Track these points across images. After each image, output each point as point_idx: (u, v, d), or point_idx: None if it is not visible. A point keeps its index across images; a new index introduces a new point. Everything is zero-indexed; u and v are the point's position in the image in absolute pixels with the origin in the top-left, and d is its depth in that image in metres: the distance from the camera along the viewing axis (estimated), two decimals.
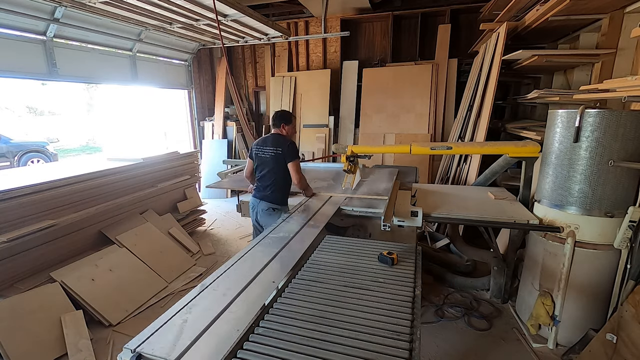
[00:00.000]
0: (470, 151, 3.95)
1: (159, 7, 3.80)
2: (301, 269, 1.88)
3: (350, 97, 6.43)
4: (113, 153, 5.13)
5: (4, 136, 9.99)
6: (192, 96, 6.76)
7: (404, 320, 1.43)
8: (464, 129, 4.66)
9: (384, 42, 6.52)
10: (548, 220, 2.62)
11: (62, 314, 2.74)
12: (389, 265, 1.88)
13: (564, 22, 3.34)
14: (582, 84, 3.23)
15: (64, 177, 3.30)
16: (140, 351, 1.16)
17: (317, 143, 6.54)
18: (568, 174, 2.47)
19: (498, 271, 3.16)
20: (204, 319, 1.34)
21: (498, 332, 2.82)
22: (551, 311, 2.54)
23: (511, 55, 3.67)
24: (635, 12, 2.91)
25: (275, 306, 1.54)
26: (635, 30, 2.21)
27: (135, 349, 1.16)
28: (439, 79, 5.79)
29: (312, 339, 1.32)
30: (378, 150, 4.80)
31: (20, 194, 2.91)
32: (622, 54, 3.03)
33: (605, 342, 2.15)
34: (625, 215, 2.28)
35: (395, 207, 2.53)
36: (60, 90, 20.42)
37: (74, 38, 4.26)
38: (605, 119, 2.26)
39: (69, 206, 3.31)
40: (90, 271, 3.15)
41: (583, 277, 2.50)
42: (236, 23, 4.52)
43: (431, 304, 3.20)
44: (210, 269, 3.97)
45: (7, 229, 2.81)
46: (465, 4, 5.79)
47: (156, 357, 1.13)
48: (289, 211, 2.76)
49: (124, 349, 1.17)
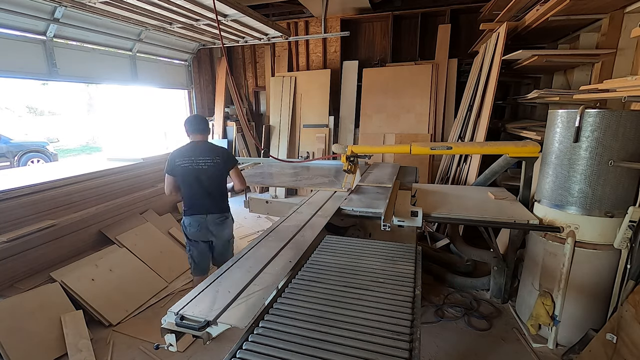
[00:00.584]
0: (470, 151, 3.95)
1: (159, 7, 3.80)
2: (301, 269, 1.88)
3: (350, 97, 6.43)
4: (113, 153, 5.13)
5: (4, 136, 9.99)
6: (192, 96, 6.76)
7: (404, 320, 1.43)
8: (464, 129, 4.66)
9: (384, 42, 6.51)
10: (548, 220, 2.62)
11: (62, 314, 2.74)
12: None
13: (564, 22, 3.34)
14: (582, 84, 3.23)
15: (64, 177, 3.31)
16: (183, 313, 1.33)
17: (317, 143, 6.54)
18: (568, 174, 2.47)
19: (498, 271, 3.16)
20: (234, 287, 1.54)
21: (498, 332, 2.82)
22: (551, 311, 2.54)
23: (511, 55, 3.67)
24: (635, 12, 2.91)
25: (275, 306, 1.54)
26: (635, 30, 2.21)
27: (178, 311, 1.34)
28: (439, 79, 5.79)
29: (312, 339, 1.32)
30: (378, 150, 4.80)
31: (20, 194, 2.92)
32: (622, 54, 3.03)
33: (605, 342, 2.15)
34: (625, 215, 2.28)
35: (395, 207, 2.53)
36: (60, 90, 20.42)
37: (74, 38, 4.26)
38: (605, 119, 2.26)
39: (69, 206, 3.31)
40: (90, 271, 3.16)
41: (583, 277, 2.50)
42: (236, 23, 4.52)
43: (431, 304, 3.20)
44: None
45: (7, 229, 2.81)
46: (465, 4, 5.79)
47: (196, 317, 1.31)
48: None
49: (168, 312, 1.35)
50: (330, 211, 2.65)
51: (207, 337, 1.29)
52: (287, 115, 6.69)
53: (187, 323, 1.29)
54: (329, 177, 3.83)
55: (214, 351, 2.59)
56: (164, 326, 1.33)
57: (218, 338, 1.36)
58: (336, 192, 3.18)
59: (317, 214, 2.60)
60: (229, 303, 1.41)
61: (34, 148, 10.32)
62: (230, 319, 1.31)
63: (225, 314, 1.34)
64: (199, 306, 1.39)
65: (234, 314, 1.35)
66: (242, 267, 1.74)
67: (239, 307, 1.39)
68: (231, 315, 1.33)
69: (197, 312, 1.34)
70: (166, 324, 1.33)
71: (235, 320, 1.30)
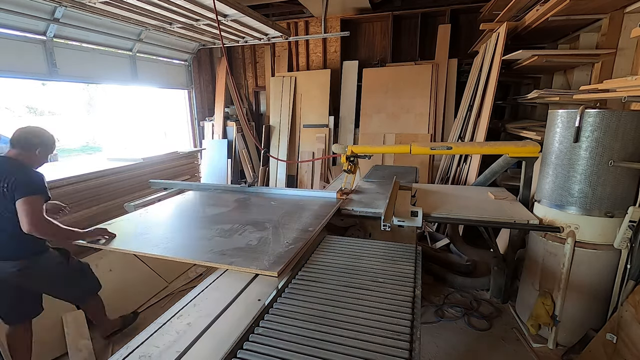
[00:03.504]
0: (470, 151, 3.94)
1: (159, 7, 3.80)
2: (301, 269, 1.88)
3: (350, 97, 6.43)
4: (113, 153, 5.13)
5: (4, 136, 9.98)
6: (192, 96, 6.76)
7: (404, 320, 1.43)
8: (464, 129, 4.66)
9: (384, 42, 6.51)
10: (548, 220, 2.62)
11: (63, 314, 2.75)
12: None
13: (564, 22, 3.34)
14: (582, 84, 3.23)
15: (64, 177, 3.30)
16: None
17: (317, 143, 6.55)
18: (568, 174, 2.47)
19: (498, 271, 3.16)
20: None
21: (498, 332, 2.82)
22: (551, 311, 2.54)
23: (511, 55, 3.67)
24: (635, 12, 2.91)
25: (275, 306, 1.54)
26: (635, 30, 2.21)
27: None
28: (439, 79, 5.79)
29: (312, 339, 1.32)
30: (378, 150, 4.79)
31: None
32: (622, 54, 3.03)
33: (605, 342, 2.15)
34: (625, 215, 2.28)
35: (395, 207, 2.53)
36: (60, 90, 20.41)
37: (74, 38, 4.26)
38: (605, 119, 2.26)
39: (69, 206, 3.30)
40: None
41: (583, 277, 2.50)
42: (236, 23, 4.52)
43: (431, 304, 3.20)
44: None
45: None
46: (465, 4, 5.79)
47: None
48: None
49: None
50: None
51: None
52: (287, 115, 6.69)
53: None
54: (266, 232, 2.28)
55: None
56: None
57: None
58: (258, 277, 1.90)
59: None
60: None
61: None
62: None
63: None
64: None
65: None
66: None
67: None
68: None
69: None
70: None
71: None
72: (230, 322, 1.52)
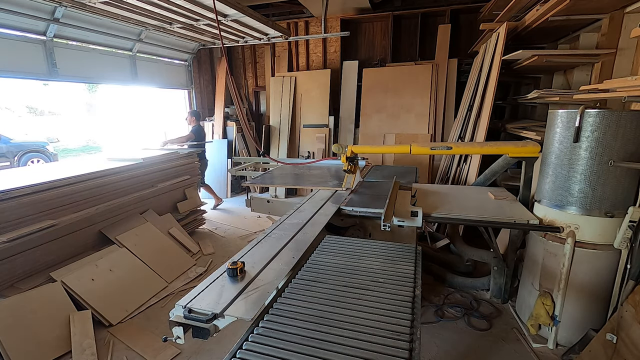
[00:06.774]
0: (470, 151, 3.94)
1: (159, 7, 3.81)
2: (301, 269, 1.88)
3: (350, 97, 6.43)
4: (113, 153, 5.13)
5: (4, 136, 9.99)
6: (192, 96, 6.76)
7: (404, 320, 1.43)
8: (464, 129, 4.66)
9: (384, 42, 6.52)
10: (548, 220, 2.62)
11: (71, 313, 2.77)
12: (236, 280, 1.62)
13: (564, 22, 3.34)
14: (582, 84, 3.23)
15: (64, 177, 3.30)
16: (190, 306, 1.38)
17: (317, 143, 6.54)
18: (568, 174, 2.47)
19: (498, 271, 3.16)
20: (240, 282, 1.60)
21: (498, 332, 2.82)
22: (551, 311, 2.54)
23: (511, 55, 3.67)
24: (635, 12, 2.91)
25: (275, 306, 1.54)
26: (635, 30, 2.21)
27: (186, 305, 1.38)
28: (439, 79, 5.79)
29: (312, 339, 1.32)
30: (378, 150, 4.81)
31: (20, 194, 2.91)
32: (622, 54, 3.03)
33: (605, 342, 2.15)
34: (625, 216, 2.28)
35: (395, 207, 2.53)
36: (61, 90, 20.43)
37: (74, 38, 4.26)
38: (605, 119, 2.26)
39: (69, 206, 3.30)
40: (90, 271, 3.15)
41: (583, 277, 2.50)
42: (236, 23, 4.52)
43: (431, 304, 3.20)
44: (210, 269, 3.97)
45: (7, 229, 2.81)
46: (465, 4, 5.79)
47: (204, 310, 1.36)
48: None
49: (176, 306, 1.39)
50: (331, 210, 2.67)
51: (214, 330, 1.34)
52: (287, 115, 6.69)
53: (194, 316, 1.34)
54: (329, 178, 3.83)
55: (214, 352, 2.59)
56: (172, 319, 1.37)
57: (218, 338, 1.36)
58: (337, 191, 3.19)
59: (318, 212, 2.64)
60: (235, 297, 1.46)
61: (34, 148, 10.33)
62: (236, 312, 1.36)
63: (232, 307, 1.39)
64: (206, 300, 1.44)
65: (240, 307, 1.40)
66: (246, 264, 1.77)
67: (244, 301, 1.45)
68: (237, 309, 1.39)
69: (205, 306, 1.39)
70: (174, 317, 1.37)
71: (242, 313, 1.35)
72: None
